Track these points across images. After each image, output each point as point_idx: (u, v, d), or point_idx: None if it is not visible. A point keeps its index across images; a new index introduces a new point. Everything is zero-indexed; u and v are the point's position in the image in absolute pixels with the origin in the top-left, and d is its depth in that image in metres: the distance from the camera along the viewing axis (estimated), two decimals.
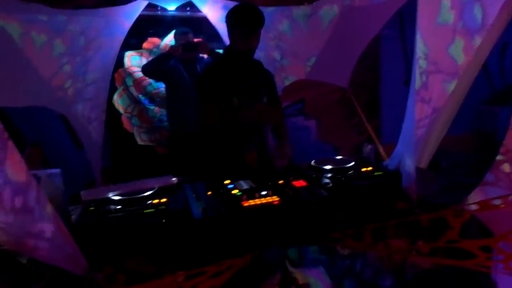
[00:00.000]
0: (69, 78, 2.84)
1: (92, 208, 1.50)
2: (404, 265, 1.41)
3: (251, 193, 1.55)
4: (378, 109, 3.97)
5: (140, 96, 3.62)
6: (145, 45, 3.56)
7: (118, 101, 3.57)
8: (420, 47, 1.92)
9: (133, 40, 3.43)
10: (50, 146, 3.42)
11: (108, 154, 3.24)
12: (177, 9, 3.37)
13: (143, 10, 3.06)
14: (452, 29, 1.92)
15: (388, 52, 3.84)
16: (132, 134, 3.67)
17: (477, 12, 1.80)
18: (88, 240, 1.32)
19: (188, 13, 3.46)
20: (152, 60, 3.23)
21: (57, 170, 1.49)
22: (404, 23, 3.73)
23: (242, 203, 1.48)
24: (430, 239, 1.31)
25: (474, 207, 1.23)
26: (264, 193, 1.54)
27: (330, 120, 3.91)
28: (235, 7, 2.18)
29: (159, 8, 3.36)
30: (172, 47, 3.18)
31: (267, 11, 3.01)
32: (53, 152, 3.42)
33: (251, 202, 1.49)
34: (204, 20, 3.31)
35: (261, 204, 1.47)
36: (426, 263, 1.37)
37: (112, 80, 3.32)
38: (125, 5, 2.99)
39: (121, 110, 3.59)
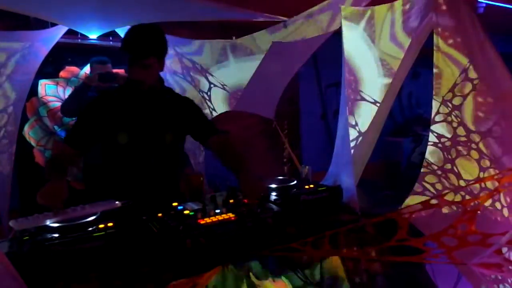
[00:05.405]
0: None
1: (26, 237, 1.33)
2: (357, 270, 1.49)
3: (205, 212, 1.52)
4: (299, 140, 4.20)
5: (56, 127, 3.34)
6: (62, 73, 3.34)
7: (29, 132, 3.24)
8: (346, 77, 2.13)
9: (50, 68, 3.20)
10: None
11: (16, 190, 2.89)
12: (99, 38, 3.20)
13: (62, 37, 2.90)
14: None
15: (305, 87, 4.15)
16: (44, 169, 3.32)
17: None
18: (28, 271, 1.16)
19: (111, 42, 3.36)
20: (69, 98, 2.98)
21: None
22: (317, 62, 4.08)
23: (199, 221, 1.45)
24: (378, 243, 1.41)
25: (416, 208, 1.37)
26: (218, 211, 1.53)
27: (254, 150, 4.01)
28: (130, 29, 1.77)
29: (79, 36, 3.20)
30: (88, 77, 2.97)
31: (196, 43, 3.09)
32: None
33: (208, 220, 1.46)
34: None
35: (218, 220, 1.46)
36: (377, 267, 1.47)
37: (24, 110, 3.03)
38: (43, 30, 2.82)
39: (32, 142, 3.26)
